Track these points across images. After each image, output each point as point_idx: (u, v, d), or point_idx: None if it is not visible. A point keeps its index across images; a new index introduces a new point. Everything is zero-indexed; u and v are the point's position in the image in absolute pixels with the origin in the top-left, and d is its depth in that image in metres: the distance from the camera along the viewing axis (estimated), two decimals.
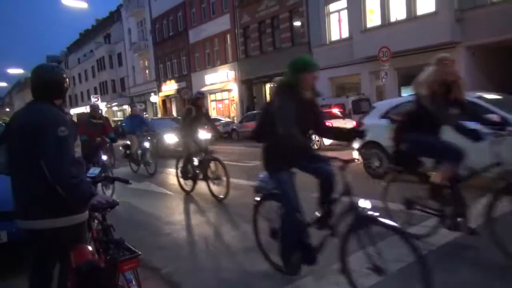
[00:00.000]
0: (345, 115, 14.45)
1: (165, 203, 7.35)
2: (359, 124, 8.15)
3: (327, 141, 12.76)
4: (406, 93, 17.15)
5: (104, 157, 7.92)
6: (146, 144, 10.63)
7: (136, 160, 10.87)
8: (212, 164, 7.10)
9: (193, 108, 7.27)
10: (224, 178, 6.77)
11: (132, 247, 2.32)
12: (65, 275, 2.56)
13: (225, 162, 7.36)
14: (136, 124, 11.11)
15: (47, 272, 2.58)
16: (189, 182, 7.56)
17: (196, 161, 7.29)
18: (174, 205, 7.07)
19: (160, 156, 12.73)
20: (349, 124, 13.71)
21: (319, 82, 7.84)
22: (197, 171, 7.32)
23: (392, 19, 16.11)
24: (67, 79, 2.61)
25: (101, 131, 8.17)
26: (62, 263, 2.56)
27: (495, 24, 13.03)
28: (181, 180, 7.69)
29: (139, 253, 2.27)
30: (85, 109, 49.40)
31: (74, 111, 52.74)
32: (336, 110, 14.70)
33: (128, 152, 10.94)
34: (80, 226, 2.55)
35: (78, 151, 2.52)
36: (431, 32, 14.12)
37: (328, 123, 13.29)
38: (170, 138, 14.41)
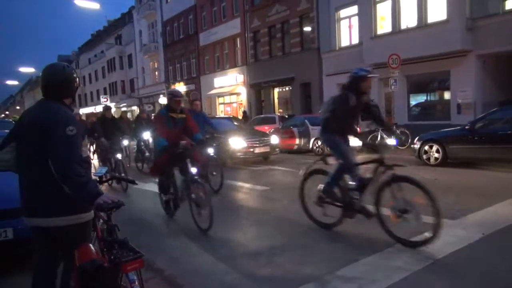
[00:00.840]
0: None
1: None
2: None
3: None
4: (415, 100, 17.14)
5: (194, 170, 5.47)
6: (210, 151, 8.01)
7: None
8: (395, 187, 4.29)
9: (350, 94, 4.61)
10: (421, 213, 4.07)
11: (136, 248, 2.32)
12: (68, 273, 2.58)
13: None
14: (198, 124, 8.24)
15: (51, 269, 2.59)
16: (334, 212, 4.96)
17: (351, 178, 4.77)
18: (180, 207, 7.05)
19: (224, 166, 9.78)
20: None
21: (327, 88, 7.59)
22: (355, 196, 4.70)
23: (403, 26, 16.05)
24: (77, 79, 2.63)
25: (183, 130, 5.90)
26: (66, 261, 2.57)
27: (507, 33, 12.93)
28: (314, 209, 5.18)
29: (143, 254, 2.27)
30: (94, 109, 49.85)
31: (83, 110, 53.24)
32: None
33: None
34: (86, 225, 2.56)
35: (84, 151, 2.54)
36: (442, 40, 14.05)
37: None
38: (237, 143, 11.57)
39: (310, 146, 14.04)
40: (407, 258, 3.92)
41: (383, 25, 16.94)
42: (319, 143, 13.58)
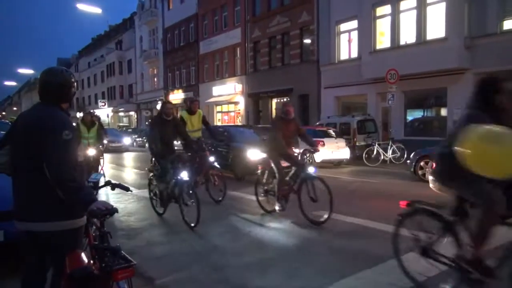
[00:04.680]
0: (337, 135, 14.42)
1: (165, 212, 7.28)
2: None
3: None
4: (412, 116, 17.25)
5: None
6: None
7: None
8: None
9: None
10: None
11: (128, 256, 2.30)
12: (58, 279, 2.54)
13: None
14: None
15: (41, 274, 2.56)
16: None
17: None
18: (173, 215, 7.01)
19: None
20: (341, 143, 13.78)
21: (325, 100, 7.50)
22: None
23: (402, 42, 16.20)
24: (75, 84, 2.62)
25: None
26: (56, 267, 2.54)
27: (504, 53, 13.07)
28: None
29: (135, 262, 2.25)
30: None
31: (81, 114, 53.19)
32: (331, 131, 14.60)
33: None
34: (78, 231, 2.54)
35: (80, 156, 2.52)
36: (440, 57, 14.19)
37: (320, 141, 13.00)
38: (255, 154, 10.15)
39: (299, 157, 13.91)
40: (399, 274, 3.90)
41: (382, 41, 17.10)
42: (308, 154, 12.41)
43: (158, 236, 5.61)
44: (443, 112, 15.91)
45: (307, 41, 22.09)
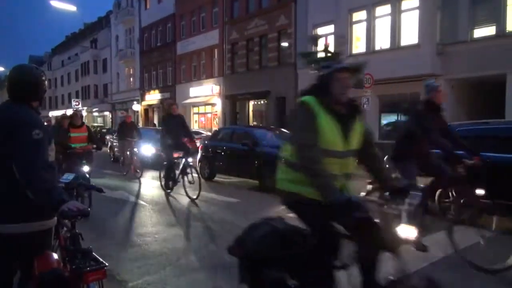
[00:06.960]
0: None
1: (138, 213, 7.20)
2: None
3: None
4: (386, 120, 17.60)
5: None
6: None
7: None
8: None
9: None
10: None
11: (99, 258, 2.26)
12: (26, 283, 2.47)
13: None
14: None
15: (7, 278, 2.48)
16: None
17: None
18: (147, 217, 6.93)
19: None
20: None
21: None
22: None
23: (377, 48, 16.54)
24: (46, 82, 2.57)
25: None
26: (24, 270, 2.47)
27: (474, 60, 13.52)
28: None
29: (106, 264, 2.22)
30: (65, 112, 48.55)
31: (53, 113, 51.88)
32: None
33: None
34: (47, 232, 2.47)
35: (51, 155, 2.46)
36: (413, 63, 14.54)
37: None
38: None
39: None
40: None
41: (358, 45, 17.40)
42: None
43: (131, 238, 5.52)
44: None
45: (285, 44, 22.26)
